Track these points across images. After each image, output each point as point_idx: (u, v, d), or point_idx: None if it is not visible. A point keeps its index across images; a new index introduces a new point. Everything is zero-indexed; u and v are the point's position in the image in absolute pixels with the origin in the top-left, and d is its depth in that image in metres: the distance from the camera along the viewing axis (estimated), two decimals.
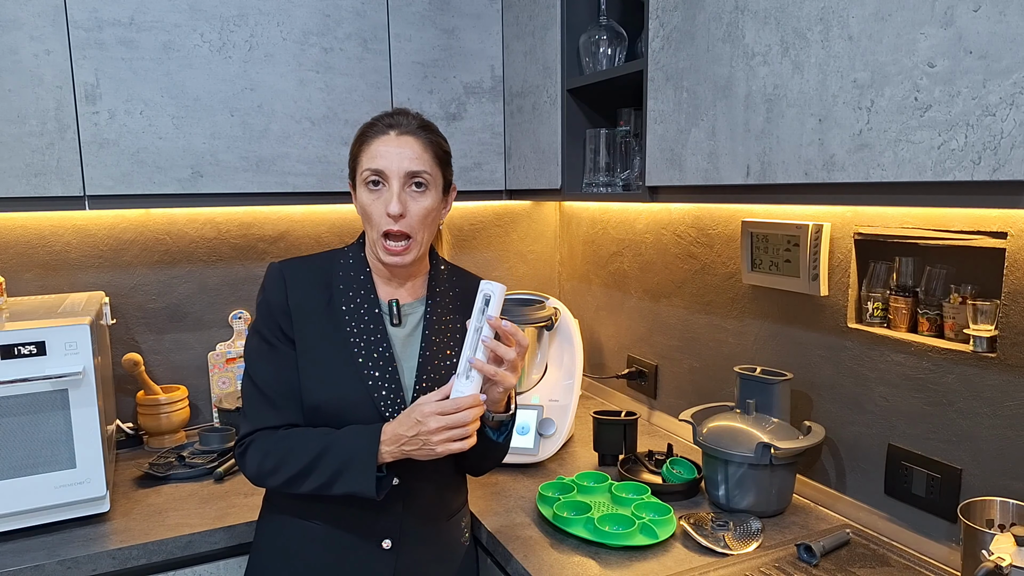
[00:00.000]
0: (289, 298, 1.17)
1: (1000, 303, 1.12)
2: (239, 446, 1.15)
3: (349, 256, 1.23)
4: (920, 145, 0.90)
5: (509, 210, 2.32)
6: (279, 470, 1.11)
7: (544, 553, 1.26)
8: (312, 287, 1.19)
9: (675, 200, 1.40)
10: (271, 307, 1.17)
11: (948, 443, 1.21)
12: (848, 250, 1.36)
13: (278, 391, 1.15)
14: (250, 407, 1.16)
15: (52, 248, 1.77)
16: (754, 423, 1.39)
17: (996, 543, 0.98)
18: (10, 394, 1.29)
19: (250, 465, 1.13)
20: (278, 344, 1.16)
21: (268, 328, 1.16)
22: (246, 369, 1.17)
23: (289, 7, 1.67)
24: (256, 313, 1.19)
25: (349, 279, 1.20)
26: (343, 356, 1.15)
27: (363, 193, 1.16)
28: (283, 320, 1.16)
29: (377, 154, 1.14)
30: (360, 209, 1.18)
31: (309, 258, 1.23)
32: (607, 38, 1.64)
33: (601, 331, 2.18)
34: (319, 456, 1.09)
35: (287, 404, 1.15)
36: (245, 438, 1.15)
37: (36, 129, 1.48)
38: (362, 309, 1.18)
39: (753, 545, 1.27)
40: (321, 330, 1.16)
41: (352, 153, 1.20)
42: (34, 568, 1.25)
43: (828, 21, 1.01)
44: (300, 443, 1.11)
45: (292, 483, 1.11)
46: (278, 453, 1.11)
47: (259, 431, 1.14)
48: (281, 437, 1.13)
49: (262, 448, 1.12)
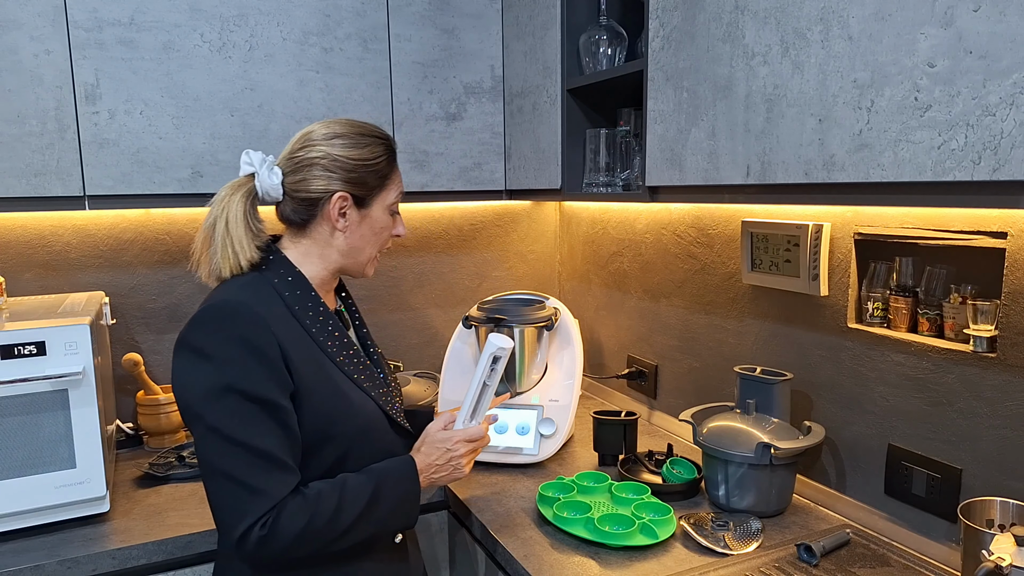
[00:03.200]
0: (277, 336, 1.02)
1: (1000, 303, 1.12)
2: (261, 527, 0.97)
3: (285, 276, 1.10)
4: (920, 145, 0.90)
5: (509, 210, 2.32)
6: (330, 527, 1.02)
7: (544, 553, 1.26)
8: (281, 319, 1.06)
9: (675, 200, 1.40)
10: (259, 353, 0.99)
11: (948, 443, 1.21)
12: (848, 250, 1.36)
13: (287, 451, 1.01)
14: (261, 480, 0.97)
15: (52, 248, 1.77)
16: (754, 423, 1.39)
17: (996, 543, 0.98)
18: (10, 394, 1.29)
19: (287, 534, 0.98)
20: (275, 397, 1.00)
21: (254, 379, 0.98)
22: (230, 438, 0.97)
23: (289, 7, 1.67)
24: (226, 367, 0.98)
25: (299, 299, 1.10)
26: (339, 380, 1.10)
27: (385, 216, 1.15)
28: (276, 368, 1.01)
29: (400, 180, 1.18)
30: (368, 229, 1.14)
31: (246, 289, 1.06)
32: (607, 38, 1.64)
33: (601, 331, 2.18)
34: (373, 502, 1.06)
35: (295, 461, 1.03)
36: (267, 515, 0.97)
37: (36, 129, 1.48)
38: (328, 326, 1.12)
39: (753, 545, 1.27)
40: (309, 363, 1.06)
41: (381, 169, 1.13)
42: (34, 568, 1.25)
43: (828, 21, 1.01)
44: (347, 493, 1.04)
45: (341, 536, 1.04)
46: (328, 509, 1.02)
47: (283, 500, 0.99)
48: (318, 495, 1.02)
49: (303, 512, 1.00)
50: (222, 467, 0.98)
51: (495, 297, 1.83)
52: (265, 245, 1.11)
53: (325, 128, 1.11)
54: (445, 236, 2.24)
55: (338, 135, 1.10)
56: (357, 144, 1.10)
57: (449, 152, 1.91)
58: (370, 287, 2.15)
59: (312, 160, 1.09)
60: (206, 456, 0.99)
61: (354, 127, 1.12)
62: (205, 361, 0.99)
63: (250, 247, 1.07)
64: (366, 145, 1.11)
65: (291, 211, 1.12)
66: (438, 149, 1.90)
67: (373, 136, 1.13)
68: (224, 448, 0.97)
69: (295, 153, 1.10)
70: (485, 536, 1.37)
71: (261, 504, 0.97)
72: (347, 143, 1.10)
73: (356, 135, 1.11)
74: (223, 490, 0.98)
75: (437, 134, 1.89)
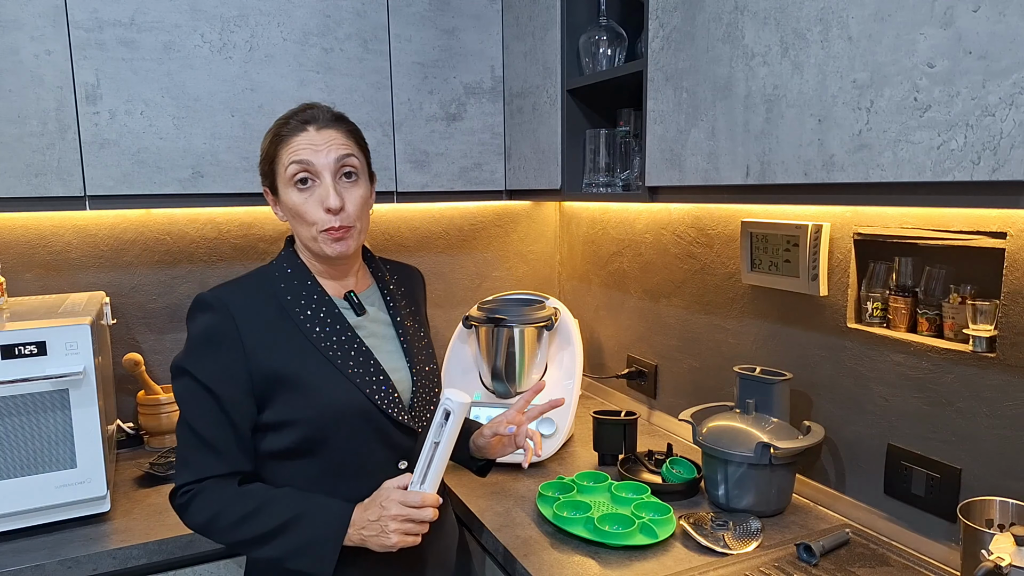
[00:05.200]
0: (240, 330, 1.08)
1: (999, 303, 1.12)
2: (182, 494, 1.07)
3: (285, 267, 1.16)
4: (920, 145, 0.90)
5: (509, 210, 2.32)
6: (234, 530, 1.05)
7: (544, 553, 1.26)
8: (260, 310, 1.11)
9: (675, 200, 1.41)
10: (215, 344, 1.07)
11: (948, 443, 1.21)
12: (848, 250, 1.36)
13: (219, 436, 1.07)
14: (190, 453, 1.08)
15: (53, 248, 1.78)
16: (754, 423, 1.40)
17: (996, 543, 0.98)
18: (11, 394, 1.29)
19: (196, 517, 1.06)
20: (217, 385, 1.07)
21: (205, 368, 1.07)
22: (183, 412, 1.09)
23: (289, 7, 1.68)
24: (188, 352, 1.09)
25: (294, 288, 1.14)
26: (322, 369, 1.10)
27: (291, 193, 1.11)
28: (231, 357, 1.07)
29: (300, 149, 1.09)
30: (289, 211, 1.12)
31: (239, 282, 1.14)
32: (607, 38, 1.64)
33: (601, 331, 2.19)
34: (285, 526, 1.04)
35: (230, 450, 1.08)
36: (188, 486, 1.07)
37: (37, 129, 1.49)
38: (320, 313, 1.13)
39: (753, 545, 1.27)
40: (288, 351, 1.09)
41: (267, 154, 1.14)
42: (34, 568, 1.25)
43: (828, 21, 1.01)
44: (267, 506, 1.05)
45: (242, 545, 1.06)
46: (237, 511, 1.05)
47: (206, 480, 1.07)
48: (241, 494, 1.06)
49: (216, 501, 1.06)
50: (179, 431, 1.11)
51: (495, 297, 1.83)
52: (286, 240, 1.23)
53: None
54: (445, 236, 2.24)
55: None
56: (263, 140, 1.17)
57: (449, 152, 1.91)
58: None
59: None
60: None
61: None
62: (185, 342, 1.11)
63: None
64: (264, 139, 1.16)
65: None
66: (438, 149, 1.90)
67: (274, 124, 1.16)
68: (180, 418, 1.10)
69: None
70: (485, 536, 1.37)
71: (185, 474, 1.08)
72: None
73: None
74: (176, 451, 1.12)
75: (437, 134, 1.89)
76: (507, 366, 1.69)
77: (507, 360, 1.69)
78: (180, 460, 1.09)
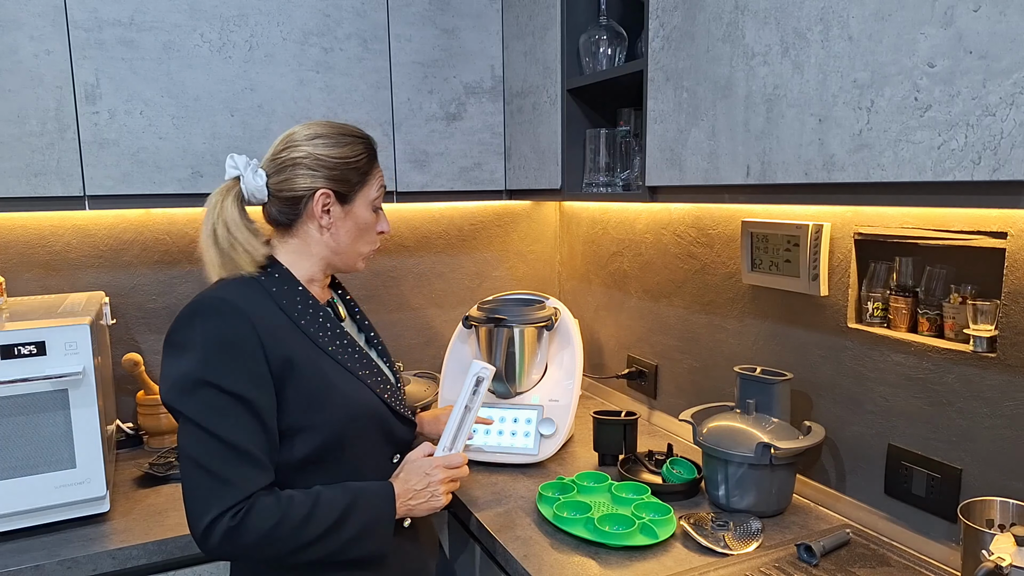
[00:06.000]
0: (260, 334, 1.03)
1: (1000, 303, 1.12)
2: (232, 516, 0.98)
3: (274, 275, 1.12)
4: (920, 145, 0.90)
5: (509, 210, 2.32)
6: (299, 532, 1.01)
7: (544, 553, 1.26)
8: (267, 315, 1.07)
9: (675, 200, 1.40)
10: (236, 349, 1.01)
11: (948, 443, 1.21)
12: (848, 250, 1.36)
13: (258, 446, 1.01)
14: (230, 470, 0.99)
15: (52, 248, 1.77)
16: (754, 423, 1.39)
17: (996, 543, 0.98)
18: (10, 394, 1.29)
19: (257, 530, 0.99)
20: (249, 392, 1.01)
21: (231, 376, 1.00)
22: (205, 429, 0.99)
23: (289, 7, 1.67)
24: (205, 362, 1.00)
25: (288, 295, 1.11)
26: (337, 373, 1.10)
27: (368, 212, 1.17)
28: (255, 361, 1.02)
29: (382, 176, 1.19)
30: (355, 226, 1.15)
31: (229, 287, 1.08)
32: (607, 38, 1.64)
33: (601, 331, 2.19)
34: (343, 517, 1.04)
35: (271, 459, 1.04)
36: (237, 505, 0.98)
37: (36, 129, 1.48)
38: (319, 319, 1.12)
39: (753, 545, 1.27)
40: (302, 357, 1.07)
41: (361, 166, 1.14)
42: (34, 568, 1.25)
43: (828, 21, 1.01)
44: (320, 503, 1.04)
45: (305, 547, 1.02)
46: (298, 513, 1.01)
47: (254, 495, 1.00)
48: (291, 497, 1.03)
49: (274, 509, 1.00)
50: (196, 457, 0.99)
51: (495, 297, 1.83)
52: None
53: (307, 129, 1.14)
54: (445, 236, 2.24)
55: (319, 135, 1.13)
56: (338, 143, 1.13)
57: (449, 152, 1.91)
58: (370, 287, 2.15)
59: (295, 160, 1.11)
60: (183, 446, 1.01)
61: (334, 127, 1.15)
62: (184, 355, 1.01)
63: (260, 244, 1.11)
64: (346, 144, 1.14)
65: (277, 211, 1.14)
66: (438, 149, 1.90)
67: (353, 136, 1.16)
68: (199, 438, 0.99)
69: (278, 154, 1.13)
70: (485, 536, 1.37)
71: (231, 495, 0.98)
72: (328, 142, 1.13)
73: (337, 135, 1.14)
74: (196, 479, 1.00)
75: (437, 134, 1.89)
76: (507, 366, 1.69)
77: (507, 360, 1.69)
78: (218, 481, 0.98)
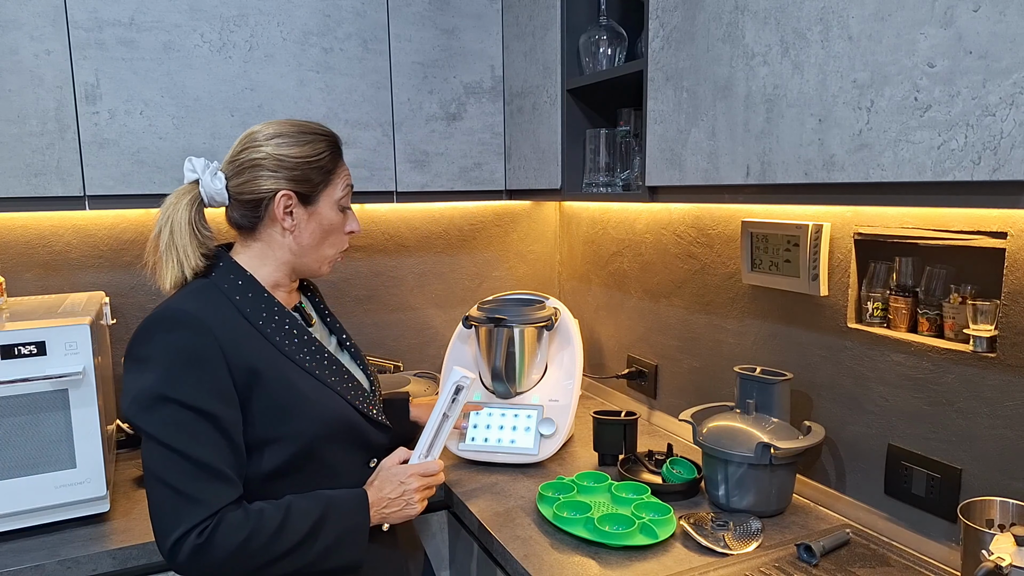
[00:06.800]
0: (222, 346, 1.00)
1: (1000, 303, 1.12)
2: (198, 534, 0.95)
3: (234, 279, 1.09)
4: (920, 145, 0.90)
5: (509, 210, 2.32)
6: (271, 546, 0.99)
7: (544, 553, 1.26)
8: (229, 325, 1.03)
9: (675, 200, 1.40)
10: (198, 363, 0.98)
11: (948, 443, 1.21)
12: (848, 250, 1.36)
13: (224, 461, 0.99)
14: (196, 488, 0.96)
15: (52, 248, 1.77)
16: (754, 423, 1.39)
17: (996, 543, 0.98)
18: (10, 394, 1.29)
19: (225, 546, 0.96)
20: (212, 406, 0.98)
21: (193, 391, 0.97)
22: (168, 446, 0.96)
23: (289, 7, 1.67)
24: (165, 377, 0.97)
25: (251, 302, 1.08)
26: (305, 382, 1.08)
27: (334, 212, 1.14)
28: (218, 375, 0.99)
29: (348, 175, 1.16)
30: (319, 227, 1.12)
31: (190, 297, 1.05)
32: (607, 38, 1.64)
33: (601, 331, 2.19)
34: (316, 528, 1.02)
35: (237, 474, 1.01)
36: (203, 523, 0.96)
37: (36, 129, 1.48)
38: (285, 326, 1.10)
39: (753, 545, 1.27)
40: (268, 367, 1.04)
41: (324, 164, 1.11)
42: (34, 568, 1.25)
43: (828, 21, 1.01)
44: (291, 514, 1.02)
45: (278, 560, 1.00)
46: (269, 527, 0.99)
47: (221, 511, 0.98)
48: (260, 511, 1.00)
49: (242, 524, 0.98)
50: (160, 474, 0.97)
51: (495, 297, 1.83)
52: (213, 252, 1.11)
53: (267, 128, 1.11)
54: (445, 236, 2.24)
55: (279, 134, 1.10)
56: (298, 142, 1.10)
57: (449, 152, 1.91)
58: (370, 287, 2.15)
59: (254, 161, 1.08)
60: (147, 463, 0.99)
61: (295, 126, 1.12)
62: (145, 370, 0.99)
63: (195, 255, 1.07)
64: (307, 142, 1.11)
65: (239, 215, 1.11)
66: (438, 149, 1.90)
67: (315, 133, 1.12)
68: (162, 455, 0.97)
69: (237, 156, 1.10)
70: (485, 536, 1.37)
71: (197, 512, 0.96)
72: (288, 141, 1.09)
73: (297, 133, 1.11)
74: (161, 496, 0.97)
75: (437, 134, 1.89)
76: (507, 366, 1.69)
77: (507, 360, 1.69)
78: (183, 499, 0.96)
